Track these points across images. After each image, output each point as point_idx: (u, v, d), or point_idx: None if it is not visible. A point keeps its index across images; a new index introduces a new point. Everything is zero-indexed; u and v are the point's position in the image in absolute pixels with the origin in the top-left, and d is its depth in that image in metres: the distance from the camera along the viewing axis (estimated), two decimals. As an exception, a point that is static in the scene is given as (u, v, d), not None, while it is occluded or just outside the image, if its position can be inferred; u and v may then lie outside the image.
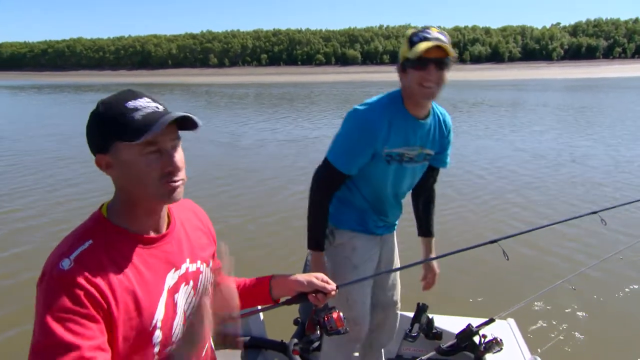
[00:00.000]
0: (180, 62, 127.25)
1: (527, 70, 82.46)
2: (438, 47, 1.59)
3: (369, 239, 1.93)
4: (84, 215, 0.97)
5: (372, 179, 1.84)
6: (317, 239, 1.86)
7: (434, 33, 1.66)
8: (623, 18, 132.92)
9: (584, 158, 9.00)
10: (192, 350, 0.99)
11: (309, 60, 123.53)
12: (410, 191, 2.03)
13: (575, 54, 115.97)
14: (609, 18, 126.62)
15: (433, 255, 2.08)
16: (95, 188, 6.91)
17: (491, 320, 1.84)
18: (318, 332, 1.39)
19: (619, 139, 11.06)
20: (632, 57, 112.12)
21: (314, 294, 1.25)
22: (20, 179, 8.01)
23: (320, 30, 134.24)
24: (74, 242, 0.88)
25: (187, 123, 0.92)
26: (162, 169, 0.89)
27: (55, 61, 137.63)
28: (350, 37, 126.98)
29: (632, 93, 27.39)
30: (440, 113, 1.90)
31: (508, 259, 1.66)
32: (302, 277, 1.25)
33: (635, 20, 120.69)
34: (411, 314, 1.94)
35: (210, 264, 1.11)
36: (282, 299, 1.28)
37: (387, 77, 60.43)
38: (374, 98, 1.80)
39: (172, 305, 0.97)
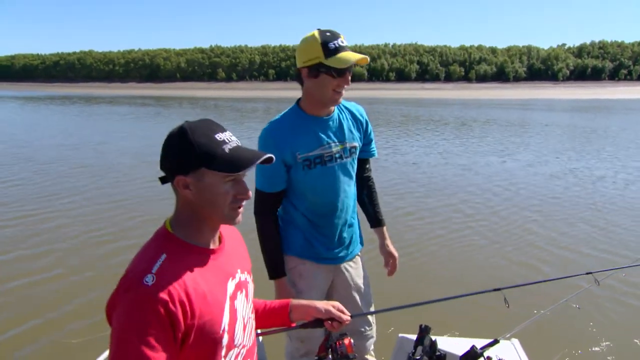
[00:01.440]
0: (189, 75, 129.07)
1: (533, 90, 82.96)
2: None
3: (316, 267, 1.92)
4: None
5: (304, 189, 1.84)
6: (274, 267, 1.88)
7: (344, 41, 1.72)
8: (628, 41, 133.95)
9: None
10: None
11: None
12: (359, 203, 2.05)
13: (580, 75, 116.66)
14: (614, 40, 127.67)
15: (388, 242, 2.11)
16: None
17: (496, 342, 1.77)
18: (330, 356, 1.44)
19: None
20: (638, 79, 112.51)
21: (329, 321, 1.35)
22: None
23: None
24: (151, 258, 0.96)
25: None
26: (235, 195, 1.01)
27: (66, 73, 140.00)
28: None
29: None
30: (345, 106, 1.91)
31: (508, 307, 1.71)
32: (321, 304, 1.36)
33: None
34: (414, 337, 1.91)
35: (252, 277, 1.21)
36: (299, 323, 1.37)
37: (394, 95, 61.17)
38: (277, 115, 1.85)
39: (234, 311, 1.06)
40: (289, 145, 1.76)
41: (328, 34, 1.69)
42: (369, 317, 2.08)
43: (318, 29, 1.72)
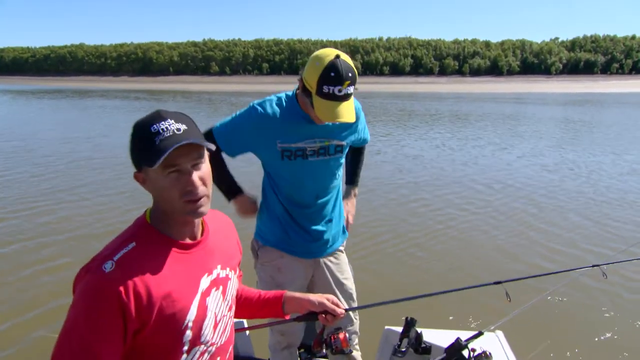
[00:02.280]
0: (182, 69, 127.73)
1: (526, 83, 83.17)
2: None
3: (296, 261, 1.92)
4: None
5: (282, 178, 1.84)
6: (227, 190, 1.89)
7: (344, 90, 1.58)
8: (620, 34, 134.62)
9: None
10: None
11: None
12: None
13: (573, 68, 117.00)
14: (606, 34, 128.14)
15: (348, 199, 2.15)
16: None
17: (480, 334, 1.80)
18: (324, 350, 1.44)
19: None
20: (630, 73, 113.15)
21: (323, 315, 1.32)
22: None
23: (321, 41, 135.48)
24: (119, 245, 0.96)
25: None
26: (182, 188, 0.95)
27: (57, 66, 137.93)
28: (351, 47, 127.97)
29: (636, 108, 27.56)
30: None
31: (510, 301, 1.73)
32: (314, 297, 1.33)
33: (633, 37, 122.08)
34: (399, 329, 1.94)
35: (237, 272, 1.20)
36: (293, 316, 1.35)
37: (387, 89, 60.92)
38: (273, 96, 1.81)
39: (203, 308, 1.03)
40: (272, 131, 1.74)
41: (332, 74, 1.56)
42: (351, 313, 2.07)
43: (336, 56, 1.59)
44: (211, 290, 1.06)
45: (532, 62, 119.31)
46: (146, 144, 0.94)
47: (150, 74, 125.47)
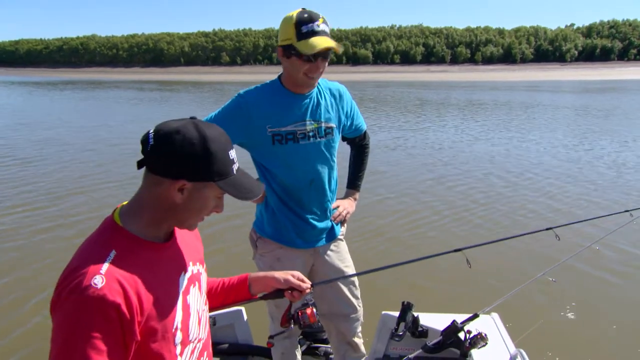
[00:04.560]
0: (193, 60, 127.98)
1: (540, 71, 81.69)
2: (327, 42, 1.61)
3: (294, 251, 1.90)
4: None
5: (275, 164, 1.81)
6: None
7: (321, 25, 1.63)
8: None
9: None
10: None
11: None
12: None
13: (589, 55, 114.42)
14: (625, 19, 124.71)
15: (347, 198, 2.08)
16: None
17: (475, 316, 1.82)
18: (292, 326, 1.44)
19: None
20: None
21: (289, 291, 1.32)
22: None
23: (332, 29, 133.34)
24: (97, 254, 0.89)
25: None
26: (211, 211, 1.02)
27: (70, 58, 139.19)
28: (362, 36, 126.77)
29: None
30: (325, 85, 1.86)
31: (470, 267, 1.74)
32: (279, 274, 1.33)
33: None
34: (396, 314, 1.96)
35: (204, 265, 1.19)
36: (260, 295, 1.36)
37: (399, 77, 60.15)
38: (258, 84, 1.82)
39: (187, 307, 1.03)
40: (261, 116, 1.73)
41: (305, 15, 1.63)
42: (354, 300, 2.04)
43: (301, 8, 1.68)
44: (190, 288, 1.05)
45: (547, 49, 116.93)
46: (228, 168, 0.97)
47: (161, 64, 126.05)
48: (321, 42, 1.61)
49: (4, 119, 16.37)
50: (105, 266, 0.87)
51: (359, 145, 2.10)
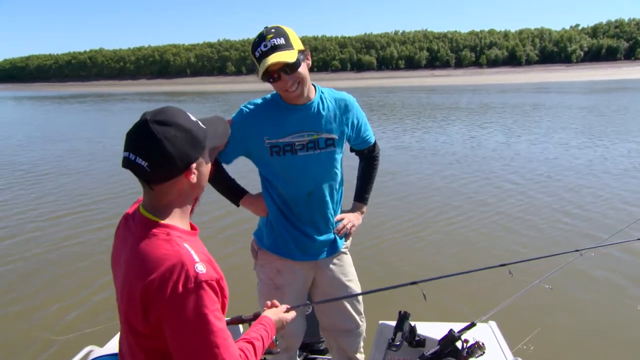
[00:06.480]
0: (199, 70, 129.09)
1: (545, 73, 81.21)
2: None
3: (292, 264, 1.88)
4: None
5: (274, 176, 1.80)
6: (233, 194, 1.87)
7: (271, 41, 1.59)
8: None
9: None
10: None
11: (325, 66, 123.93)
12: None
13: (595, 56, 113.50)
14: (631, 18, 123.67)
15: (353, 212, 2.04)
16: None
17: (472, 325, 1.81)
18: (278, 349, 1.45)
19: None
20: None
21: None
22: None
23: (336, 37, 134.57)
24: (179, 248, 1.02)
25: None
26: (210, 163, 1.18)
27: (79, 72, 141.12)
28: (366, 42, 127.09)
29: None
30: (330, 96, 1.83)
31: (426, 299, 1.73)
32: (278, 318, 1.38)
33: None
34: (394, 323, 1.95)
35: None
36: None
37: (404, 83, 60.04)
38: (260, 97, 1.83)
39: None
40: (259, 128, 1.73)
41: (257, 39, 1.62)
42: (356, 316, 2.02)
43: (264, 27, 1.66)
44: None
45: (552, 50, 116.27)
46: (203, 129, 1.09)
47: (167, 76, 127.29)
48: (268, 61, 1.57)
49: (56, 142, 16.53)
50: (194, 255, 1.01)
51: (367, 157, 2.06)
